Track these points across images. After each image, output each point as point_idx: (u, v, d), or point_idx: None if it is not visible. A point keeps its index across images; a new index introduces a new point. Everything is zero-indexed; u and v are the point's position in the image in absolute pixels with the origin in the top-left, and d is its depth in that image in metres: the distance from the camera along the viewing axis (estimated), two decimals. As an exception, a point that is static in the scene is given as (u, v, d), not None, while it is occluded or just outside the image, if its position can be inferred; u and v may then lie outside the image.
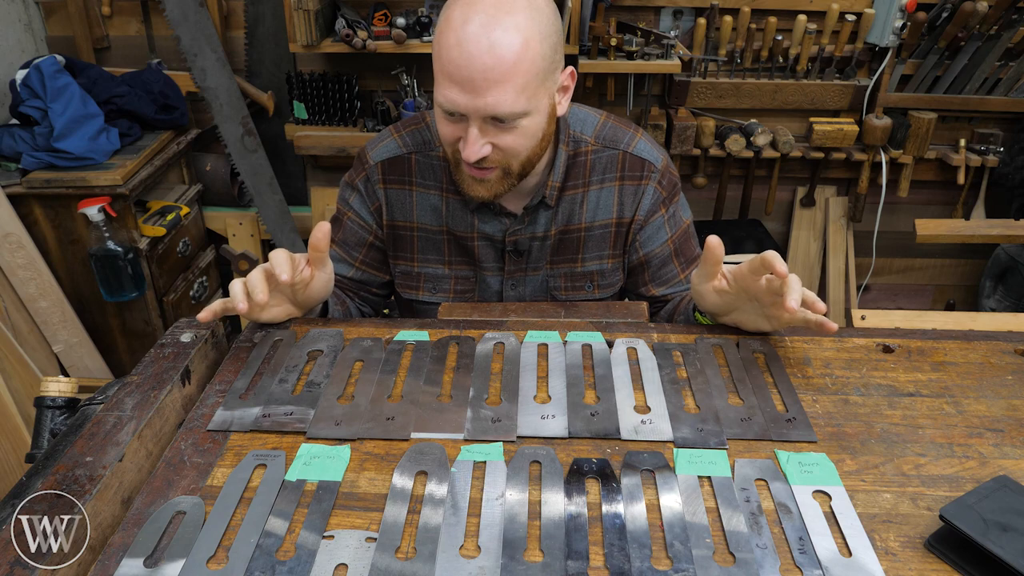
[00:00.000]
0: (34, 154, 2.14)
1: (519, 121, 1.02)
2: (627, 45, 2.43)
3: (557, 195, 1.21)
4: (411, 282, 1.29)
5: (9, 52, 2.42)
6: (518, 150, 1.05)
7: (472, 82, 0.97)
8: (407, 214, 1.24)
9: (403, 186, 1.23)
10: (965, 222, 2.34)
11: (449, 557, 0.66)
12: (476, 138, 1.01)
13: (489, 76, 0.96)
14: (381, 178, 1.23)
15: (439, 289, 1.28)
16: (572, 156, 1.20)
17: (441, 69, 1.00)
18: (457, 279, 1.28)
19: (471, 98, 0.98)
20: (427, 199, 1.23)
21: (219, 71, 2.50)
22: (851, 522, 0.70)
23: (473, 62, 0.96)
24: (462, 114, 1.01)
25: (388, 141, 1.24)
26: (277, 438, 0.82)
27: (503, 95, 0.98)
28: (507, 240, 1.22)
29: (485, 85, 0.97)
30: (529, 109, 1.01)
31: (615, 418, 0.84)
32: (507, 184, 1.10)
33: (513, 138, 1.04)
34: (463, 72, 0.97)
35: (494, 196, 1.11)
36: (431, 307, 1.29)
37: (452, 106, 1.00)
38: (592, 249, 1.26)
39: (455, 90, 0.99)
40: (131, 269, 2.20)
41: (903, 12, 2.40)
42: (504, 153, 1.05)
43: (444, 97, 1.00)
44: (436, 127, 1.21)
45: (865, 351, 0.97)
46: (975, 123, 2.74)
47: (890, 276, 3.11)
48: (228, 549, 0.67)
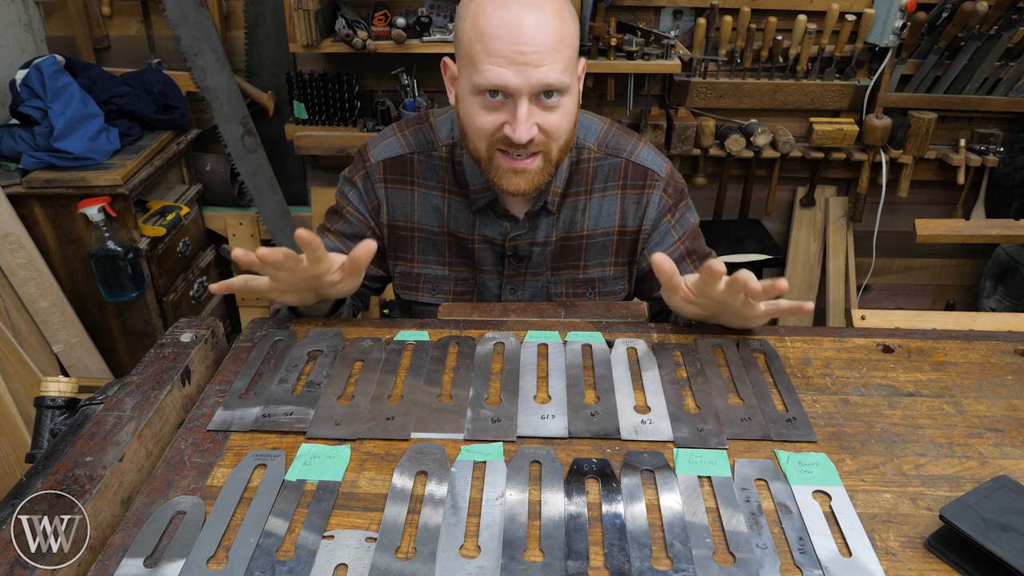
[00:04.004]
0: (34, 154, 2.14)
1: (561, 99, 1.04)
2: (627, 45, 2.43)
3: (559, 201, 1.20)
4: (411, 283, 1.29)
5: (9, 52, 2.42)
6: (560, 131, 1.06)
7: (523, 56, 0.98)
8: (408, 214, 1.24)
9: (404, 186, 1.23)
10: (965, 222, 2.34)
11: (449, 557, 0.66)
12: (527, 115, 1.02)
13: (540, 49, 0.99)
14: (382, 177, 1.23)
15: (439, 290, 1.28)
16: (575, 163, 1.21)
17: (484, 49, 1.00)
18: (457, 280, 1.28)
19: (522, 71, 0.99)
20: (429, 200, 1.23)
21: (219, 71, 2.50)
22: (851, 522, 0.70)
23: (523, 36, 0.98)
24: (508, 95, 1.01)
25: (391, 140, 1.24)
26: (277, 438, 0.82)
27: (552, 67, 1.00)
28: (507, 244, 1.22)
29: (537, 58, 0.99)
30: (570, 85, 1.04)
31: (615, 418, 0.84)
32: (545, 175, 1.09)
33: (556, 118, 1.05)
34: (513, 47, 0.98)
35: (534, 189, 1.10)
36: (430, 308, 1.29)
37: (502, 82, 1.00)
38: (594, 257, 1.26)
39: (505, 67, 0.99)
40: (131, 269, 2.20)
41: (903, 12, 2.40)
42: (548, 135, 1.05)
43: (493, 75, 1.00)
44: (449, 124, 1.21)
45: (865, 351, 0.97)
46: (975, 123, 2.74)
47: (890, 276, 3.11)
48: (228, 549, 0.67)
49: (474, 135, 1.07)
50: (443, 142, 1.21)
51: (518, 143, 1.03)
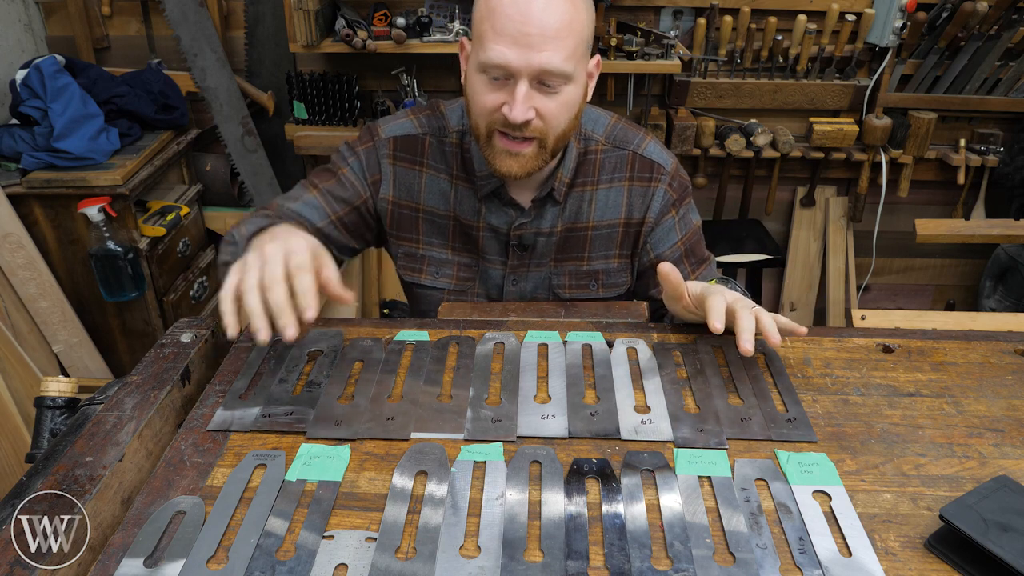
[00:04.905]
0: (34, 154, 2.14)
1: (563, 87, 1.03)
2: (627, 45, 2.43)
3: (566, 191, 1.21)
4: (414, 264, 1.28)
5: (9, 52, 2.42)
6: (558, 120, 1.06)
7: (528, 37, 0.98)
8: (414, 195, 1.24)
9: (413, 166, 1.23)
10: (965, 222, 2.34)
11: (449, 557, 0.66)
12: (524, 97, 1.02)
13: (545, 32, 0.99)
14: (391, 153, 1.22)
15: (442, 274, 1.27)
16: (582, 154, 1.21)
17: (492, 27, 1.00)
18: (460, 266, 1.27)
19: (524, 53, 0.99)
20: (437, 183, 1.23)
21: (219, 71, 2.50)
22: (851, 522, 0.70)
23: (530, 18, 0.98)
24: (509, 75, 1.02)
25: (404, 120, 1.24)
26: (277, 438, 0.82)
27: (556, 52, 1.00)
28: (512, 233, 1.22)
29: (541, 41, 0.99)
30: (573, 74, 1.03)
31: (615, 418, 0.84)
32: (540, 161, 1.09)
33: (556, 105, 1.04)
34: (519, 27, 0.98)
35: (526, 173, 1.10)
36: (432, 293, 1.28)
37: (503, 61, 1.00)
38: (599, 248, 1.26)
39: (508, 46, 0.99)
40: (131, 269, 2.19)
41: (903, 12, 2.40)
42: (545, 121, 1.05)
43: (496, 54, 1.00)
44: (459, 112, 1.21)
45: (865, 351, 0.97)
46: (975, 123, 2.74)
47: (890, 276, 3.11)
48: (228, 549, 0.67)
49: (475, 112, 1.08)
50: (453, 128, 1.21)
51: (513, 123, 1.03)
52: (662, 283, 1.00)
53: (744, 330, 0.89)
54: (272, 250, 0.87)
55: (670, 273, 0.97)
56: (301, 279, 0.84)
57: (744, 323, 0.90)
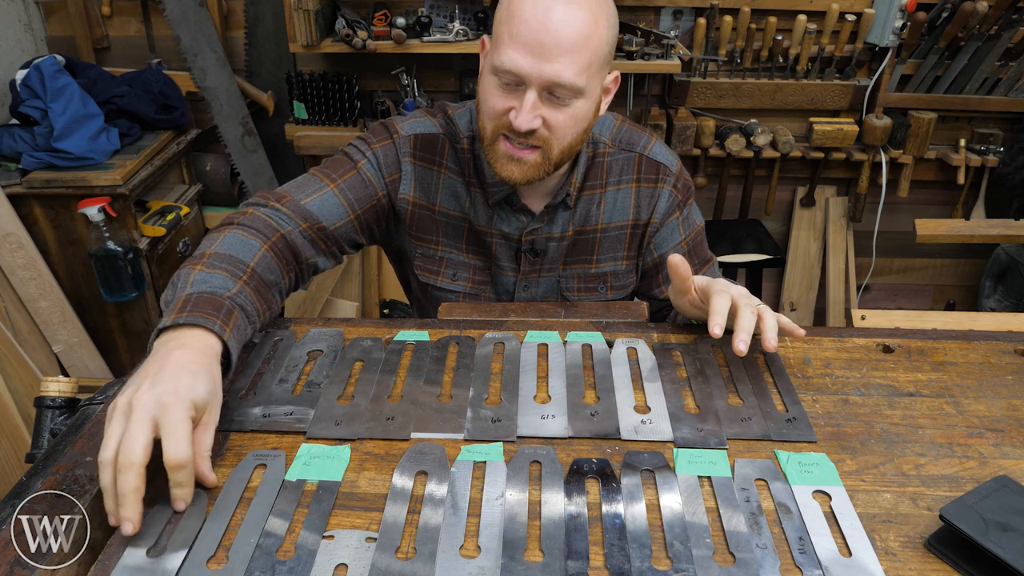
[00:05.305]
0: (34, 154, 2.14)
1: (573, 101, 1.02)
2: (627, 45, 2.43)
3: (577, 195, 1.20)
4: (432, 266, 1.27)
5: (9, 52, 2.42)
6: (565, 132, 1.05)
7: (542, 46, 0.97)
8: (431, 195, 1.22)
9: (432, 166, 1.21)
10: (965, 222, 2.34)
11: (449, 557, 0.66)
12: (531, 106, 1.01)
13: (561, 44, 0.97)
14: (411, 152, 1.20)
15: (458, 277, 1.26)
16: (591, 157, 1.21)
17: (509, 31, 0.99)
18: (475, 269, 1.26)
19: (537, 62, 0.98)
20: (453, 185, 1.21)
21: (219, 71, 2.50)
22: (851, 522, 0.70)
23: (547, 27, 0.97)
24: (520, 82, 1.01)
25: (423, 119, 1.22)
26: (277, 438, 0.82)
27: (568, 65, 0.99)
28: (524, 239, 1.21)
29: (555, 52, 0.98)
30: (585, 89, 1.02)
31: (615, 418, 0.84)
32: (542, 171, 1.08)
33: (564, 117, 1.03)
34: (535, 35, 0.97)
35: (526, 181, 1.08)
36: (446, 295, 1.27)
37: (514, 68, 0.99)
38: (607, 250, 1.25)
39: (521, 53, 0.98)
40: (131, 269, 2.20)
41: (903, 12, 2.40)
42: (551, 131, 1.04)
43: (508, 59, 0.99)
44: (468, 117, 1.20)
45: (865, 351, 0.97)
46: (975, 123, 2.74)
47: (890, 276, 3.12)
48: (228, 549, 0.67)
49: (485, 113, 1.07)
50: (464, 134, 1.20)
51: (517, 130, 1.02)
52: (670, 274, 0.99)
53: (742, 329, 0.89)
54: (147, 401, 0.71)
55: (679, 265, 0.97)
56: (127, 478, 0.67)
57: (743, 322, 0.90)
